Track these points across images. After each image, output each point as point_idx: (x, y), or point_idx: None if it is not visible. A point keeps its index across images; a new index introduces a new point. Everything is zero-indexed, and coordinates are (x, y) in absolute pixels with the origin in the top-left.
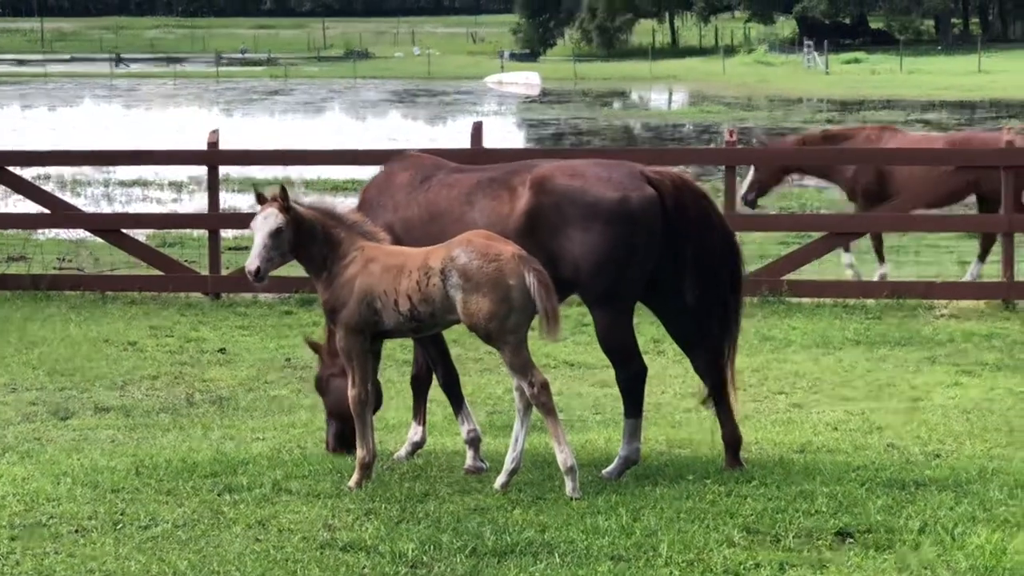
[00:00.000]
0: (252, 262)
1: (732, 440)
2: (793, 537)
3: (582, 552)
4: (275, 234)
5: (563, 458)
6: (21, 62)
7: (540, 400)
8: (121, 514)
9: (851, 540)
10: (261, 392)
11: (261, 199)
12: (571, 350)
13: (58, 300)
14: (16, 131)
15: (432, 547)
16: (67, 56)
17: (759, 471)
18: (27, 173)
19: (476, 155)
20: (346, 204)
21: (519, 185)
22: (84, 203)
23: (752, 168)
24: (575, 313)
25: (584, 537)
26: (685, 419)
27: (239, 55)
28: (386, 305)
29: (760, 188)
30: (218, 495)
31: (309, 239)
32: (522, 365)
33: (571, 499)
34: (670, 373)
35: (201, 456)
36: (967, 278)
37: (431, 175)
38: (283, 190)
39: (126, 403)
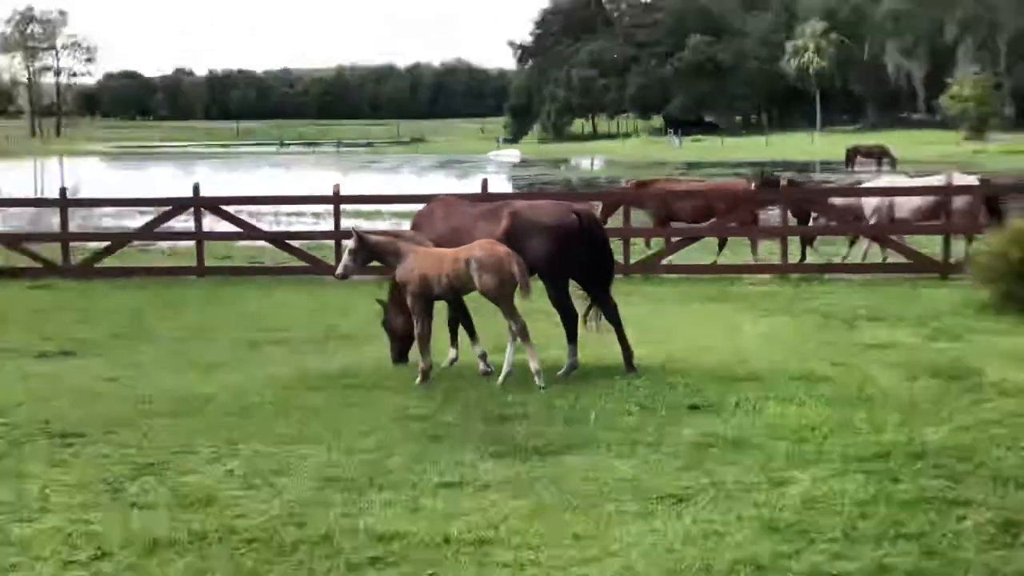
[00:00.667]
0: (338, 269)
1: (628, 354)
2: (665, 408)
3: (546, 417)
4: (352, 253)
5: (534, 365)
6: (224, 146)
7: (522, 334)
8: (286, 401)
9: (698, 410)
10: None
11: (349, 235)
12: (541, 305)
13: (249, 283)
14: (222, 184)
15: (463, 417)
16: (252, 142)
17: (646, 372)
18: (231, 208)
19: (484, 197)
20: (404, 227)
21: (503, 215)
22: (263, 225)
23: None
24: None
25: (547, 409)
26: (607, 345)
27: (349, 142)
28: (434, 281)
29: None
30: (344, 388)
31: (380, 251)
32: (511, 313)
33: (539, 387)
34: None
35: (335, 366)
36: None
37: (453, 209)
38: (356, 233)
39: (302, 335)
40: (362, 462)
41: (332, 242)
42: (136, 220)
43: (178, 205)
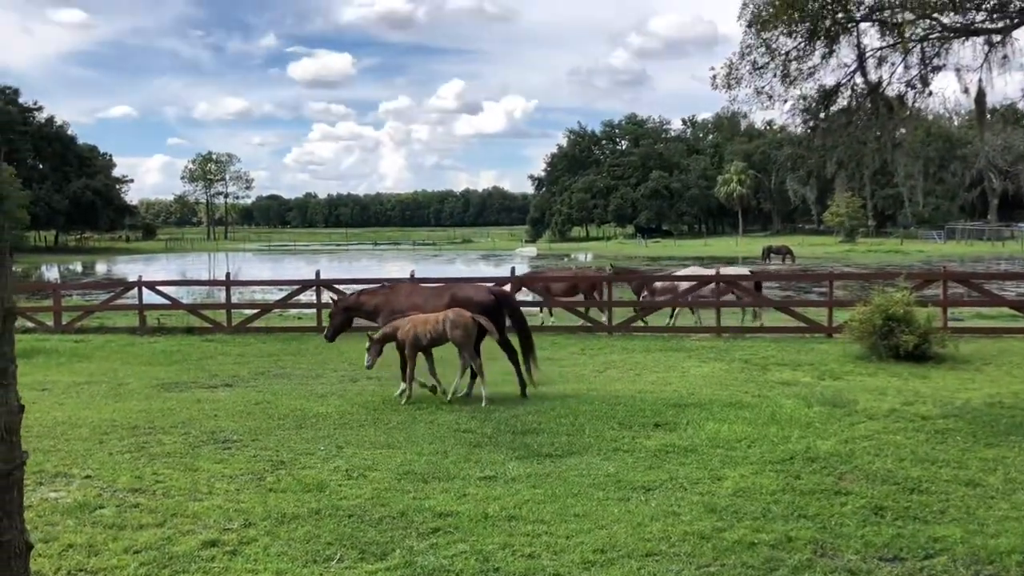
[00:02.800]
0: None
1: (524, 385)
2: (637, 426)
3: (554, 431)
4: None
5: (484, 391)
6: (337, 245)
7: (479, 371)
8: (375, 419)
9: (659, 427)
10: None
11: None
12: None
13: (351, 338)
14: (335, 270)
15: (497, 430)
16: (356, 243)
17: (623, 400)
18: (341, 286)
19: (513, 280)
20: (380, 293)
21: (445, 294)
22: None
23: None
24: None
25: (555, 425)
26: (593, 381)
27: (420, 242)
28: (421, 336)
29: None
30: (415, 410)
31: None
32: (472, 356)
33: (483, 404)
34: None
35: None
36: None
37: (413, 288)
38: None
39: (386, 373)
40: (427, 461)
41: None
42: (276, 294)
43: (305, 285)
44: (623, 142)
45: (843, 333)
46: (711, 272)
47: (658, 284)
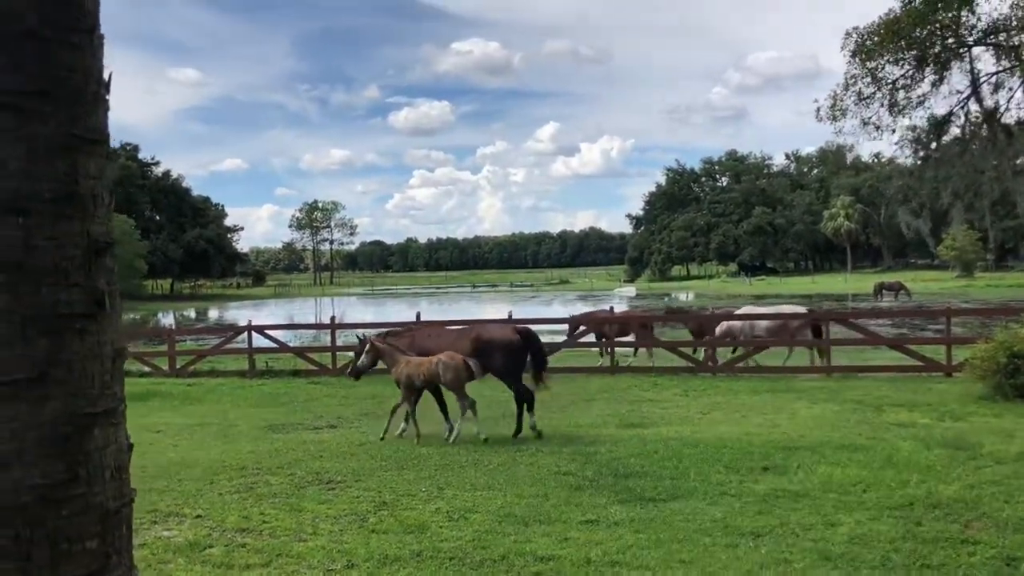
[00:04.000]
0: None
1: (519, 426)
2: (744, 470)
3: (657, 475)
4: (366, 354)
5: (477, 430)
6: (438, 288)
7: (472, 408)
8: (476, 460)
9: (768, 471)
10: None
11: (364, 342)
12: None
13: None
14: (436, 312)
15: (598, 473)
16: (455, 285)
17: (729, 442)
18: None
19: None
20: (406, 336)
21: (470, 336)
22: None
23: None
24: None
25: (659, 469)
26: (699, 423)
27: (518, 283)
28: (416, 378)
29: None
30: (516, 452)
31: (383, 356)
32: (462, 397)
33: (483, 440)
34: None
35: (508, 435)
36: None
37: (437, 331)
38: (370, 341)
39: (486, 415)
40: (528, 504)
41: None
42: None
43: (407, 328)
44: (723, 179)
45: (964, 371)
46: (767, 310)
47: (733, 324)
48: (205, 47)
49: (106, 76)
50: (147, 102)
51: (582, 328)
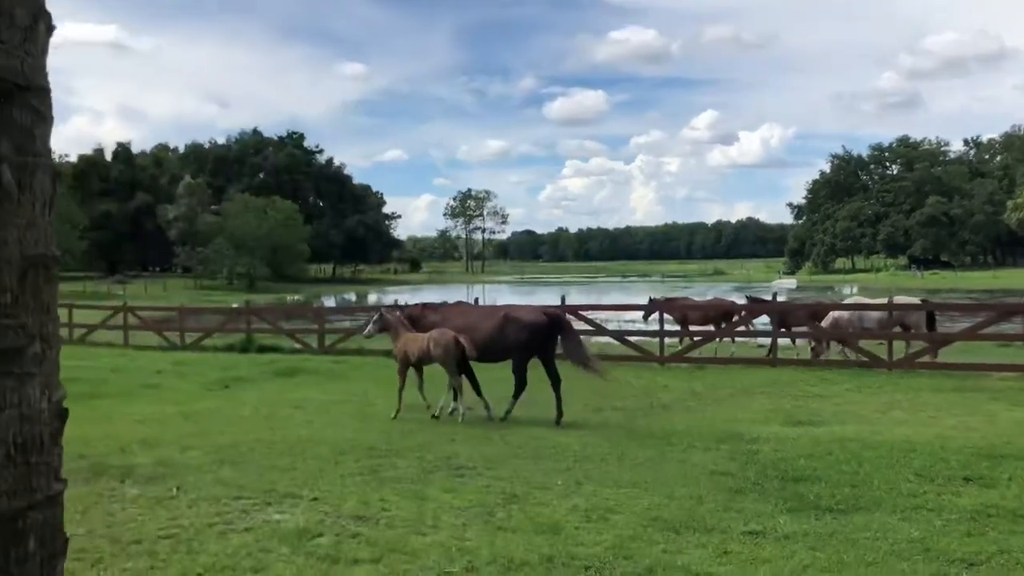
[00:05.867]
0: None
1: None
2: (940, 479)
3: (834, 480)
4: (375, 323)
5: (461, 408)
6: (587, 277)
7: (458, 388)
8: (620, 454)
9: (971, 481)
10: (692, 402)
11: (670, 333)
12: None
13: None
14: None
15: (762, 476)
16: (604, 275)
17: (917, 446)
18: (587, 313)
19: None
20: (439, 311)
21: (498, 315)
22: (610, 326)
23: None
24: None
25: (835, 473)
26: (879, 423)
27: (669, 274)
28: (411, 354)
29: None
30: (665, 445)
31: (389, 328)
32: (453, 374)
33: (460, 418)
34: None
35: (657, 428)
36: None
37: (466, 309)
38: (380, 311)
39: (633, 405)
40: (679, 507)
41: (656, 339)
42: None
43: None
44: (894, 166)
45: None
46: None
47: (838, 314)
48: (369, 41)
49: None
50: (315, 96)
51: (656, 315)
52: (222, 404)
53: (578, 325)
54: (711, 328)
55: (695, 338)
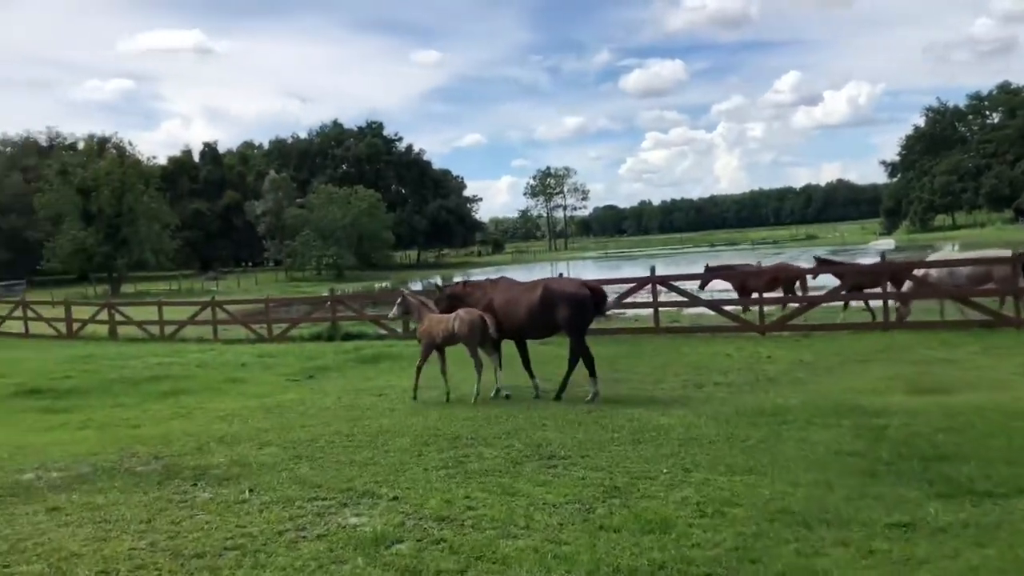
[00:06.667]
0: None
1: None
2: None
3: (984, 456)
4: (398, 306)
5: (476, 388)
6: (673, 249)
7: (479, 368)
8: (729, 434)
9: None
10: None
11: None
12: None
13: (694, 339)
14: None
15: (897, 455)
16: (691, 246)
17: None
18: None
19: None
20: (481, 286)
21: (539, 288)
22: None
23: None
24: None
25: (983, 449)
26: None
27: (759, 241)
28: (436, 336)
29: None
30: (778, 424)
31: (411, 311)
32: (474, 354)
33: (473, 401)
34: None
35: (767, 404)
36: None
37: (508, 284)
38: (402, 294)
39: (737, 379)
40: (806, 496)
41: (741, 308)
42: (610, 295)
43: (640, 283)
44: (994, 115)
45: None
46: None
47: (931, 271)
48: (442, 27)
49: None
50: (392, 86)
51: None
52: (305, 395)
53: (669, 296)
54: (778, 295)
55: (799, 304)
